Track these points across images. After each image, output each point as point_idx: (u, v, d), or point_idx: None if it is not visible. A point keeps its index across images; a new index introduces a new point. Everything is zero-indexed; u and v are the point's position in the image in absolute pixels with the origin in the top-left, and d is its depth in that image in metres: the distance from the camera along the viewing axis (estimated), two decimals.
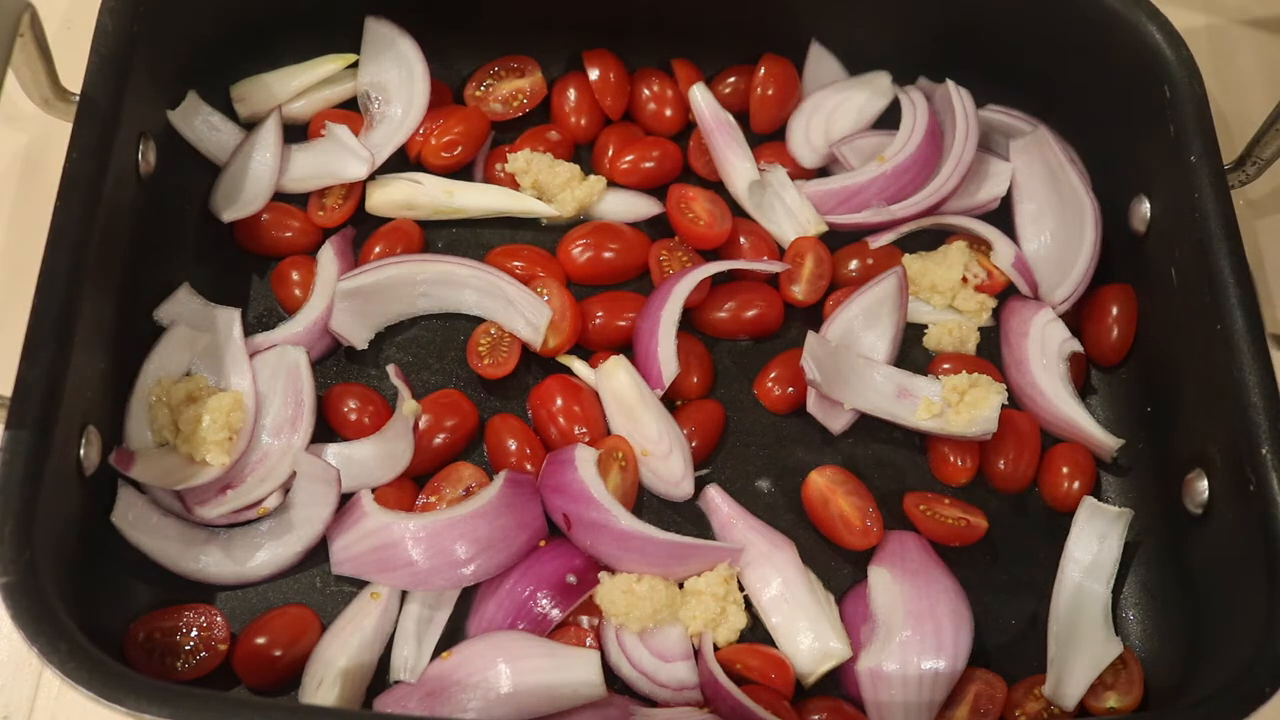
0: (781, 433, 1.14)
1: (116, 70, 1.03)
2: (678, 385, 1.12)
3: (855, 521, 1.07)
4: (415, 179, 1.20)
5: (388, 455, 1.05)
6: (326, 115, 1.23)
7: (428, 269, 1.13)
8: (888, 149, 1.23)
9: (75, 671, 0.80)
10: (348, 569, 1.02)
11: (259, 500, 1.03)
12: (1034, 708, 1.01)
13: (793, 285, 1.18)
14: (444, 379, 1.14)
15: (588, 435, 1.08)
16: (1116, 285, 1.17)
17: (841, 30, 1.27)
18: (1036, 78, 1.24)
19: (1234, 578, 0.97)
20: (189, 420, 1.03)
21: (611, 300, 1.17)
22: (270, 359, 1.09)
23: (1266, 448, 0.94)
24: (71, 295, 0.93)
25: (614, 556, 1.01)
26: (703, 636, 1.01)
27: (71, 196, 0.96)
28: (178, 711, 0.80)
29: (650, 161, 1.23)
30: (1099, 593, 1.04)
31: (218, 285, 1.14)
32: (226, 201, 1.15)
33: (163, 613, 0.98)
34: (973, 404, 1.08)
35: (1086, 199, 1.19)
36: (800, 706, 0.99)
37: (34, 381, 0.89)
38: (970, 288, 1.19)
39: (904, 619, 1.01)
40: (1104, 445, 1.11)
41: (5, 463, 0.86)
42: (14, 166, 1.23)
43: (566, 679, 0.95)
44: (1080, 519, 1.07)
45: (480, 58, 1.27)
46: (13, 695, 1.01)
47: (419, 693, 0.96)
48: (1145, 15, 1.12)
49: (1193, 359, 1.06)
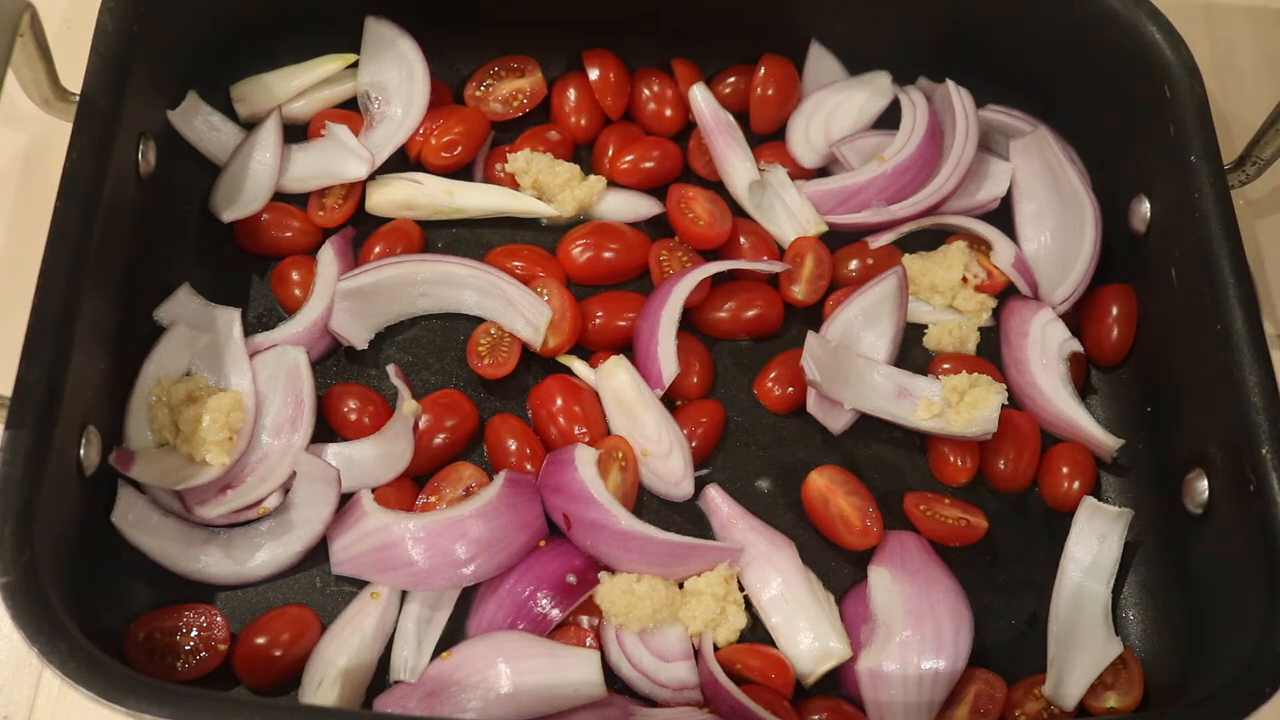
0: (781, 433, 1.14)
1: (116, 70, 1.03)
2: (678, 385, 1.12)
3: (855, 521, 1.07)
4: (415, 179, 1.20)
5: (388, 455, 1.05)
6: (326, 115, 1.23)
7: (428, 269, 1.13)
8: (888, 149, 1.23)
9: (75, 671, 0.80)
10: (348, 569, 1.02)
11: (259, 500, 1.03)
12: (1034, 708, 1.01)
13: (793, 285, 1.18)
14: (444, 379, 1.14)
15: (588, 435, 1.08)
16: (1116, 285, 1.17)
17: (841, 30, 1.27)
18: (1036, 78, 1.24)
19: (1234, 578, 0.97)
20: (189, 420, 1.03)
21: (611, 300, 1.17)
22: (270, 359, 1.09)
23: (1266, 448, 0.94)
24: (71, 295, 0.93)
25: (614, 556, 1.01)
26: (703, 636, 1.01)
27: (71, 196, 0.96)
28: (178, 711, 0.80)
29: (650, 161, 1.23)
30: (1099, 593, 1.04)
31: (218, 285, 1.14)
32: (226, 201, 1.15)
33: (163, 613, 0.98)
34: (973, 404, 1.08)
35: (1086, 199, 1.19)
36: (800, 706, 0.99)
37: (34, 381, 0.89)
38: (970, 288, 1.19)
39: (904, 619, 1.01)
40: (1104, 445, 1.11)
41: (5, 463, 0.86)
42: (14, 166, 1.23)
43: (566, 679, 0.95)
44: (1080, 519, 1.07)
45: (480, 58, 1.27)
46: (13, 695, 1.01)
47: (419, 693, 0.96)
48: (1145, 15, 1.12)
49: (1193, 359, 1.06)
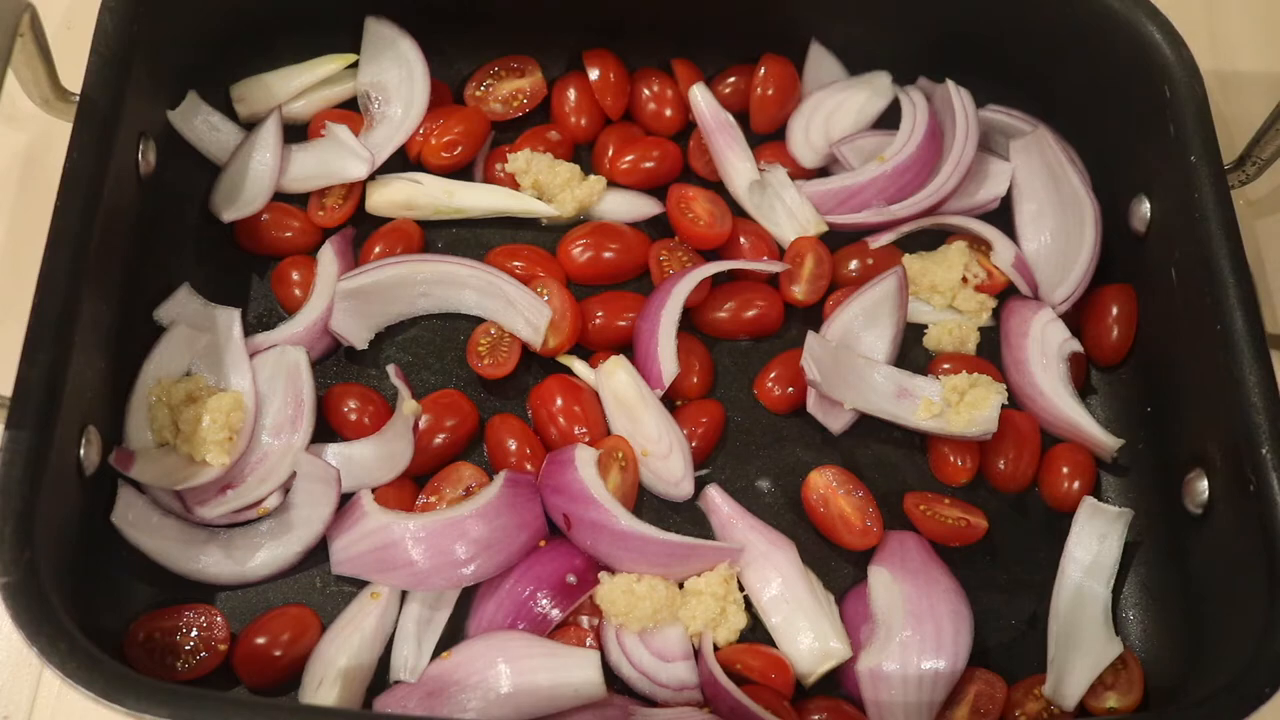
0: (781, 433, 1.14)
1: (116, 70, 1.03)
2: (678, 385, 1.12)
3: (855, 521, 1.07)
4: (415, 179, 1.20)
5: (388, 455, 1.05)
6: (326, 115, 1.23)
7: (428, 269, 1.13)
8: (888, 149, 1.23)
9: (75, 671, 0.80)
10: (348, 569, 1.02)
11: (259, 500, 1.03)
12: (1034, 708, 1.01)
13: (793, 285, 1.18)
14: (444, 379, 1.14)
15: (588, 435, 1.08)
16: (1116, 285, 1.17)
17: (841, 30, 1.27)
18: (1036, 78, 1.24)
19: (1234, 578, 0.97)
20: (189, 420, 1.03)
21: (611, 300, 1.17)
22: (270, 359, 1.09)
23: (1266, 448, 0.94)
24: (71, 295, 0.93)
25: (614, 556, 1.01)
26: (703, 636, 1.01)
27: (71, 196, 0.96)
28: (178, 711, 0.80)
29: (650, 161, 1.23)
30: (1099, 593, 1.04)
31: (218, 285, 1.14)
32: (226, 201, 1.15)
33: (163, 613, 0.98)
34: (973, 404, 1.08)
35: (1086, 199, 1.19)
36: (800, 706, 0.99)
37: (34, 381, 0.89)
38: (970, 288, 1.19)
39: (904, 619, 1.01)
40: (1104, 445, 1.11)
41: (5, 463, 0.86)
42: (14, 166, 1.23)
43: (566, 679, 0.95)
44: (1080, 519, 1.07)
45: (480, 58, 1.27)
46: (13, 695, 1.01)
47: (419, 693, 0.96)
48: (1145, 15, 1.12)
49: (1193, 359, 1.06)
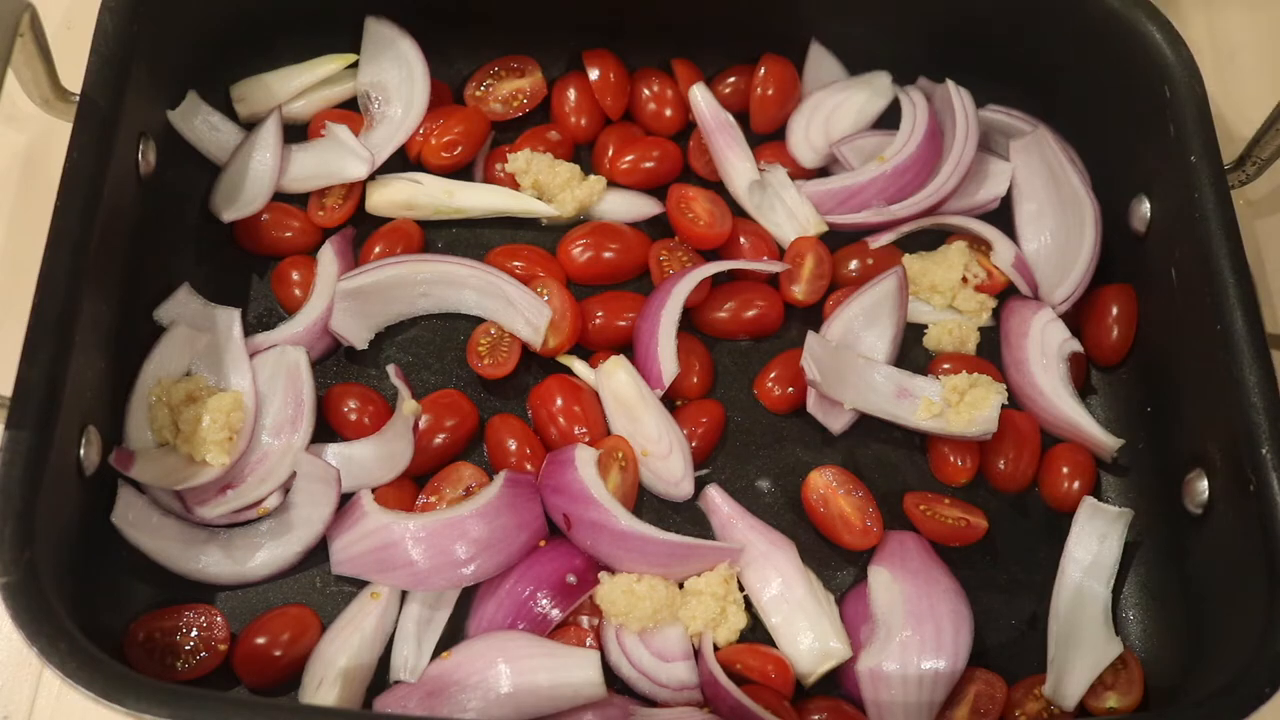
0: (781, 433, 1.14)
1: (116, 70, 1.03)
2: (678, 385, 1.12)
3: (855, 521, 1.07)
4: (415, 179, 1.20)
5: (388, 455, 1.05)
6: (326, 115, 1.23)
7: (428, 269, 1.13)
8: (888, 149, 1.23)
9: (75, 671, 0.80)
10: (348, 569, 1.02)
11: (259, 500, 1.03)
12: (1034, 708, 1.01)
13: (793, 285, 1.18)
14: (444, 379, 1.14)
15: (588, 435, 1.08)
16: (1116, 285, 1.17)
17: (841, 30, 1.27)
18: (1036, 78, 1.24)
19: (1234, 578, 0.97)
20: (189, 420, 1.03)
21: (611, 300, 1.17)
22: (270, 359, 1.09)
23: (1266, 448, 0.94)
24: (71, 295, 0.93)
25: (614, 556, 1.01)
26: (703, 636, 1.01)
27: (71, 196, 0.96)
28: (178, 711, 0.80)
29: (650, 161, 1.23)
30: (1099, 593, 1.04)
31: (218, 285, 1.14)
32: (226, 201, 1.15)
33: (163, 613, 0.98)
34: (973, 404, 1.08)
35: (1086, 199, 1.19)
36: (800, 706, 0.99)
37: (34, 381, 0.89)
38: (970, 288, 1.19)
39: (904, 619, 1.01)
40: (1104, 445, 1.11)
41: (5, 463, 0.86)
42: (14, 166, 1.23)
43: (566, 679, 0.95)
44: (1080, 519, 1.07)
45: (480, 58, 1.27)
46: (13, 695, 1.01)
47: (419, 693, 0.96)
48: (1145, 15, 1.12)
49: (1193, 359, 1.06)
